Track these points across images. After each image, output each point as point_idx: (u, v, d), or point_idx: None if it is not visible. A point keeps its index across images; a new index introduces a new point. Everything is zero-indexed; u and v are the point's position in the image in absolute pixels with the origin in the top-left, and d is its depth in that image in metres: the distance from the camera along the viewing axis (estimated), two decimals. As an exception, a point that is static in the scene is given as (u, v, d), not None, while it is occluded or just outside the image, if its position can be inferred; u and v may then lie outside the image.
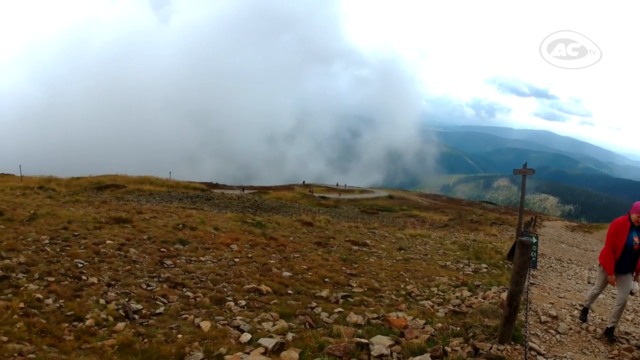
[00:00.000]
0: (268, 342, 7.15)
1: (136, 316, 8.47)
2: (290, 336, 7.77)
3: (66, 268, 10.64)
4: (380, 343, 6.95)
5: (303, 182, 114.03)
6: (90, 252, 12.28)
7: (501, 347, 6.34)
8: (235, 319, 8.75)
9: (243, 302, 10.27)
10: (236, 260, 14.19)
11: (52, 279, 9.74)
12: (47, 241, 12.95)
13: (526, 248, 6.03)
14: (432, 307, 10.46)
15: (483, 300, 10.30)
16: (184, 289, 10.76)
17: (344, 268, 15.07)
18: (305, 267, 14.34)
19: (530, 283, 11.31)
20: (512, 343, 6.48)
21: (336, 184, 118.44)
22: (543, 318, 8.17)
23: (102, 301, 8.98)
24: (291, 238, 19.72)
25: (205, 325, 8.09)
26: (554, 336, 7.43)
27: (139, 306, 8.96)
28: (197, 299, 10.09)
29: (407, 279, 14.37)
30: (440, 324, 8.02)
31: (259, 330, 8.26)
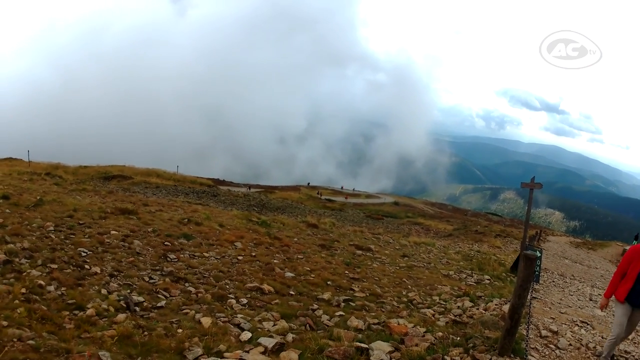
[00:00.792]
0: (268, 342, 7.12)
1: (137, 308, 8.45)
2: (290, 337, 7.75)
3: (69, 256, 10.64)
4: (380, 349, 6.91)
5: (308, 184, 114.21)
6: (94, 242, 12.27)
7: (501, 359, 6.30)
8: (236, 317, 8.73)
9: (245, 300, 10.25)
10: (240, 258, 14.18)
11: (55, 266, 9.73)
12: (52, 228, 12.96)
13: (531, 262, 5.98)
14: (433, 316, 10.41)
15: (484, 311, 10.21)
16: (186, 284, 10.74)
17: (347, 272, 15.06)
18: (308, 269, 14.34)
19: (532, 297, 11.28)
20: (512, 356, 6.44)
21: (340, 187, 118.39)
22: (543, 332, 8.10)
23: (104, 291, 8.97)
24: (295, 239, 19.69)
25: (205, 321, 8.06)
26: (554, 351, 7.37)
27: (141, 298, 8.95)
28: (199, 295, 10.07)
29: (410, 286, 14.33)
30: (440, 333, 7.97)
31: (260, 329, 8.23)
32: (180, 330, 7.54)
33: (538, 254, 14.04)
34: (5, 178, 25.77)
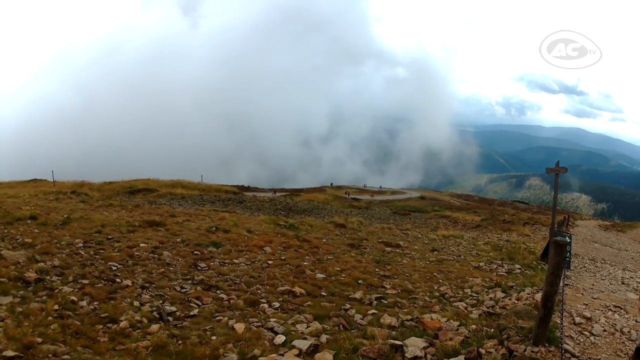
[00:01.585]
0: (302, 344, 7.08)
1: (170, 318, 8.48)
2: (324, 338, 7.70)
3: (100, 271, 10.73)
4: (414, 345, 6.85)
5: (331, 184, 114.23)
6: (124, 255, 12.37)
7: (535, 349, 6.22)
8: (269, 321, 8.73)
9: (277, 304, 10.25)
10: (269, 262, 14.22)
11: (86, 282, 9.81)
12: (81, 245, 13.07)
13: (561, 248, 5.87)
14: (466, 309, 10.30)
15: (517, 301, 10.12)
16: (218, 291, 10.77)
17: (377, 270, 14.99)
18: (338, 269, 14.32)
19: (564, 284, 11.12)
20: (547, 345, 6.36)
21: (363, 185, 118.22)
22: (577, 319, 8.00)
23: (136, 303, 9.02)
24: (324, 240, 19.70)
25: (239, 327, 8.05)
26: (588, 338, 7.27)
27: (173, 308, 8.98)
28: (231, 301, 10.09)
29: (441, 280, 14.25)
30: (474, 326, 7.87)
31: (293, 332, 8.21)
32: (214, 337, 7.53)
33: (568, 240, 13.85)
34: (31, 199, 26.06)
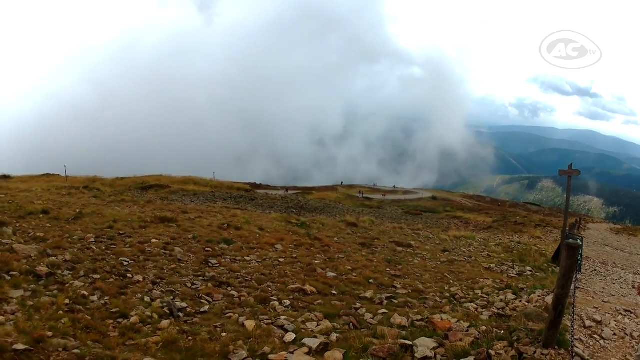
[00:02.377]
0: (312, 342, 7.08)
1: (181, 314, 8.49)
2: (334, 336, 7.70)
3: (111, 266, 10.76)
4: (424, 345, 6.84)
5: (341, 183, 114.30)
6: (135, 251, 12.41)
7: (545, 352, 6.21)
8: (279, 319, 8.72)
9: (287, 302, 10.26)
10: (281, 260, 14.22)
11: (98, 277, 9.83)
12: (93, 239, 13.11)
13: (573, 251, 5.83)
14: (476, 310, 10.31)
15: (527, 303, 10.15)
16: (229, 288, 10.78)
17: (388, 269, 15.00)
18: (349, 268, 14.31)
19: (575, 287, 11.06)
20: (557, 348, 6.35)
21: (373, 185, 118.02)
22: (587, 323, 8.01)
23: (147, 299, 9.04)
24: (335, 239, 19.68)
25: (249, 324, 8.05)
26: (598, 342, 7.27)
27: (184, 304, 8.99)
28: (242, 298, 10.10)
29: (452, 281, 14.24)
30: (484, 327, 7.85)
31: (303, 330, 8.20)
32: (224, 334, 7.53)
33: (579, 243, 13.79)
34: (44, 193, 26.21)
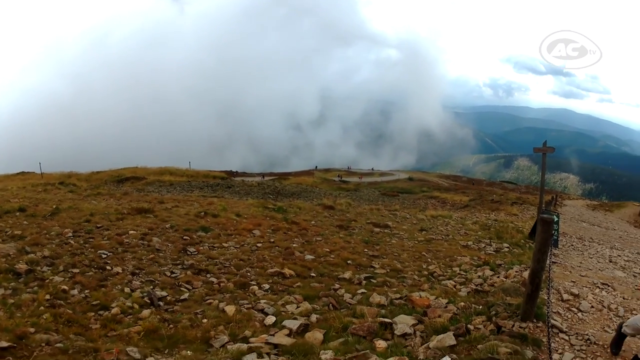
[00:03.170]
0: (292, 324, 7.20)
1: (161, 303, 8.58)
2: (314, 317, 7.83)
3: (90, 259, 10.79)
4: (403, 322, 6.95)
5: (315, 168, 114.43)
6: (113, 243, 12.41)
7: (523, 325, 6.34)
8: (259, 303, 8.83)
9: (267, 286, 10.36)
10: (259, 245, 14.28)
11: (77, 271, 9.89)
12: (71, 234, 13.08)
13: (548, 225, 5.96)
14: (455, 287, 10.47)
15: (505, 279, 10.29)
16: (208, 275, 10.87)
17: (366, 250, 15.12)
18: (327, 250, 14.39)
19: (552, 262, 11.24)
20: (535, 321, 6.48)
21: (347, 168, 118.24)
22: (565, 296, 8.14)
23: (127, 290, 9.13)
24: (313, 222, 19.77)
25: (229, 309, 8.17)
26: (576, 314, 7.41)
27: (164, 293, 9.09)
28: (221, 284, 10.20)
29: (429, 260, 14.38)
30: (462, 303, 7.97)
31: (283, 312, 8.33)
32: (205, 320, 7.66)
33: (555, 218, 14.00)
34: (19, 191, 26.00)
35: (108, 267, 10.42)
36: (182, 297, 9.03)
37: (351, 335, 6.61)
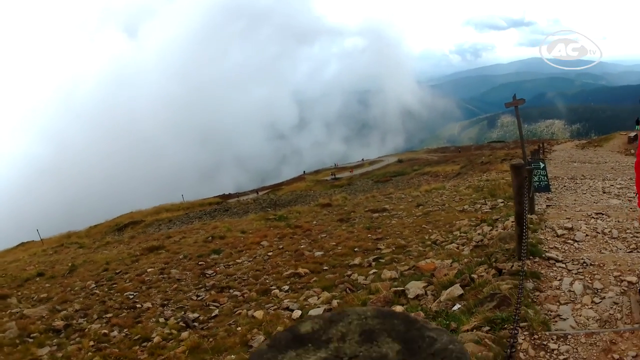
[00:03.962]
0: (317, 312, 7.85)
1: (196, 324, 9.28)
2: (335, 303, 8.53)
3: (120, 302, 11.49)
4: (415, 287, 7.58)
5: (304, 172, 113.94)
6: (136, 283, 13.10)
7: (520, 263, 6.57)
8: (283, 302, 9.53)
9: (286, 287, 11.05)
10: (269, 254, 14.94)
11: (111, 315, 10.59)
12: (94, 285, 13.75)
13: (518, 170, 6.63)
14: (457, 248, 11.01)
15: (503, 230, 10.66)
16: (231, 290, 11.56)
17: (370, 235, 15.70)
18: (334, 244, 15.04)
19: (547, 205, 11.83)
20: (532, 257, 6.99)
21: (334, 165, 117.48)
22: (559, 232, 8.51)
23: (162, 320, 9.81)
24: (314, 222, 20.38)
25: (258, 314, 8.86)
26: (572, 245, 7.81)
27: (196, 314, 9.80)
28: (245, 295, 10.90)
29: (430, 230, 14.92)
30: (466, 260, 8.52)
31: (307, 305, 9.01)
32: (239, 328, 8.34)
33: (541, 165, 14.53)
34: (32, 258, 26.43)
35: (138, 305, 11.10)
36: (213, 314, 9.72)
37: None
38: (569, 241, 8.01)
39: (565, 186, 16.15)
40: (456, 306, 6.01)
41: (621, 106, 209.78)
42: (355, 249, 13.88)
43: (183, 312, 10.08)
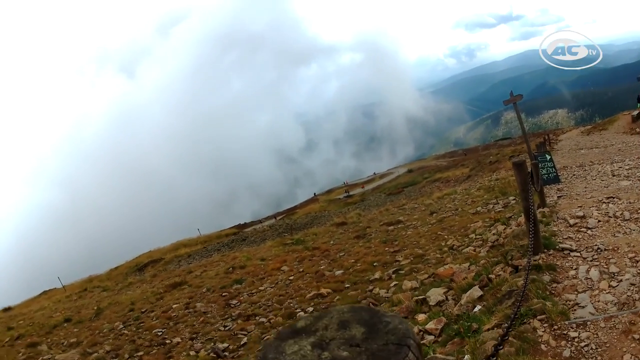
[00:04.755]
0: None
1: (226, 353, 9.48)
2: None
3: (149, 340, 11.69)
4: (435, 294, 7.74)
5: (314, 194, 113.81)
6: (163, 320, 13.31)
7: (536, 257, 6.83)
8: (309, 323, 9.60)
9: (310, 309, 11.25)
10: (291, 278, 15.13)
11: (142, 353, 10.79)
12: (122, 325, 13.99)
13: (520, 167, 6.78)
14: (474, 251, 11.08)
15: (517, 227, 10.52)
16: (257, 317, 11.75)
17: (387, 248, 15.84)
18: (352, 261, 15.20)
19: (558, 197, 11.90)
20: (546, 251, 7.07)
21: (344, 183, 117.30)
22: (572, 221, 8.55)
23: (192, 353, 10.01)
24: (331, 242, 20.54)
25: (286, 337, 8.96)
26: (586, 233, 7.85)
27: (225, 344, 9.98)
28: (271, 321, 11.08)
29: (446, 236, 14.99)
30: (483, 261, 8.58)
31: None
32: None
33: (547, 157, 14.61)
34: (57, 305, 26.69)
35: (167, 341, 11.32)
36: (242, 343, 9.92)
37: (394, 319, 7.39)
38: (582, 229, 8.06)
39: (574, 174, 16.10)
40: (477, 307, 6.14)
41: (621, 86, 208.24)
42: (374, 264, 14.03)
43: (213, 343, 10.27)
